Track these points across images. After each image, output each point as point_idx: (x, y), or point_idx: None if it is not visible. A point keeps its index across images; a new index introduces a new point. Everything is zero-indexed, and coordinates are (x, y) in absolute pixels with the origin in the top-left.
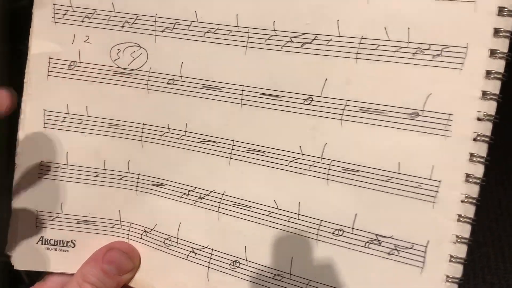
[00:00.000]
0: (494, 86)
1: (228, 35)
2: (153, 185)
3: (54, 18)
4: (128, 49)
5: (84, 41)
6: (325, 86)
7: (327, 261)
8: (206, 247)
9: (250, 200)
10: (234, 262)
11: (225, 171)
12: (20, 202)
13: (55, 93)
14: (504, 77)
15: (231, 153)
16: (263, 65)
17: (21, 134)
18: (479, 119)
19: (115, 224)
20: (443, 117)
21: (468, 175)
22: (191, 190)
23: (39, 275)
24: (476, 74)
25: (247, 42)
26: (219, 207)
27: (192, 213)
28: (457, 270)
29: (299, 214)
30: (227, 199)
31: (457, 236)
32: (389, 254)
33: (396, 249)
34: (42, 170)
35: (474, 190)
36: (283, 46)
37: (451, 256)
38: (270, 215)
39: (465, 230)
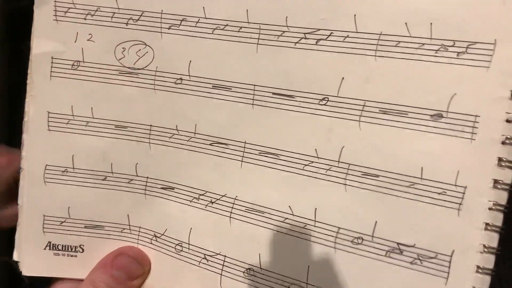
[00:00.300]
0: None
1: (238, 31)
2: (163, 188)
3: (56, 16)
4: (134, 48)
5: (88, 40)
6: (342, 85)
7: (346, 271)
8: (219, 254)
9: (264, 205)
10: (248, 270)
11: (237, 175)
12: (26, 207)
13: (58, 94)
14: None
15: (243, 156)
16: (275, 63)
17: (26, 137)
18: (508, 121)
19: (124, 229)
20: (469, 118)
21: (496, 181)
22: (202, 194)
23: (40, 277)
24: (505, 73)
25: (258, 39)
26: (231, 212)
27: (204, 218)
28: (484, 282)
29: (315, 221)
30: (239, 204)
31: (484, 246)
32: (411, 263)
33: (419, 259)
34: (48, 173)
35: (502, 197)
36: (296, 43)
37: (478, 267)
38: (285, 221)
39: (493, 239)
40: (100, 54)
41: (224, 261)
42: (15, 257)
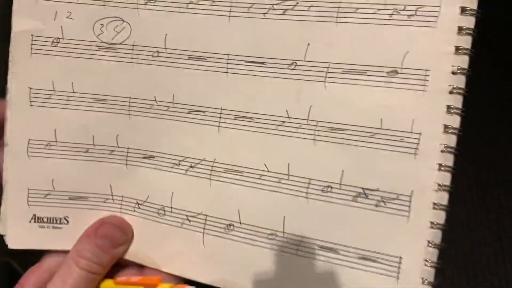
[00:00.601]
0: (466, 42)
1: (211, 5)
2: (143, 157)
3: None
4: (111, 24)
5: (67, 18)
6: (308, 51)
7: (318, 217)
8: (200, 214)
9: (241, 165)
10: (228, 226)
11: (214, 139)
12: (11, 181)
13: (39, 70)
14: (475, 33)
15: (219, 121)
16: (246, 33)
17: (9, 113)
18: (453, 73)
19: (107, 199)
20: (420, 73)
21: (446, 126)
22: (182, 160)
23: None
24: (449, 31)
25: (230, 11)
26: (210, 174)
27: (184, 182)
28: (441, 217)
29: (289, 175)
30: (218, 166)
31: (438, 184)
32: (376, 206)
33: (383, 201)
34: (31, 148)
35: (452, 140)
36: (265, 13)
37: (434, 203)
38: (261, 178)
39: (446, 178)
40: (79, 31)
41: (205, 220)
42: (1, 231)
